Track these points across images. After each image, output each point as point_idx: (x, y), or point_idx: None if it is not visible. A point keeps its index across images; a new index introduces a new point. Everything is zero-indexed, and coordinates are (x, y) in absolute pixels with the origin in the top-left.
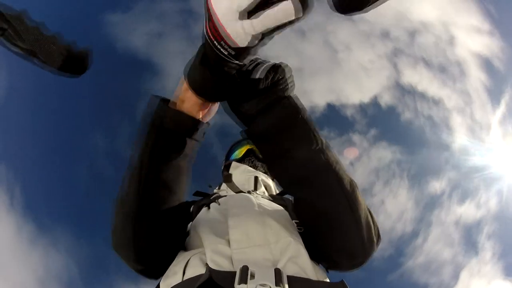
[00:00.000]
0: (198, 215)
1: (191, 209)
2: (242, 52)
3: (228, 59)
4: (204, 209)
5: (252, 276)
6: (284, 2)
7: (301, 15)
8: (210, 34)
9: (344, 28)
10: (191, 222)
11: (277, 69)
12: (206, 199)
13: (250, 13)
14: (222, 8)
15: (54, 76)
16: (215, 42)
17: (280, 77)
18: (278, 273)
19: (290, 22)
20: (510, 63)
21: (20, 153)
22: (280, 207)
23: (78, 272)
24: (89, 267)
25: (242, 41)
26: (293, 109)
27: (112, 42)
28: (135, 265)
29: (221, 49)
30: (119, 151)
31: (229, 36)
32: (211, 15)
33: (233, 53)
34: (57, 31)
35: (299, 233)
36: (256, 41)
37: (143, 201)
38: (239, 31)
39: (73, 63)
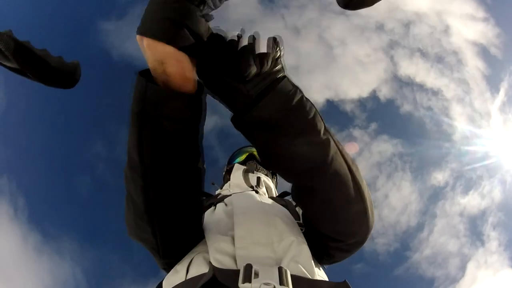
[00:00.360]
0: (204, 214)
1: None
2: None
3: None
4: (211, 208)
5: (256, 275)
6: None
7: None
8: None
9: (338, 23)
10: None
11: (280, 42)
12: (212, 198)
13: None
14: None
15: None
16: None
17: (282, 53)
18: (281, 272)
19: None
20: (507, 49)
21: (21, 163)
22: (283, 208)
23: (84, 279)
24: (95, 273)
25: None
26: (297, 89)
27: (107, 49)
28: (160, 259)
29: None
30: (120, 158)
31: None
32: None
33: None
34: (52, 39)
35: (302, 233)
36: None
37: (150, 201)
38: None
39: (63, 77)
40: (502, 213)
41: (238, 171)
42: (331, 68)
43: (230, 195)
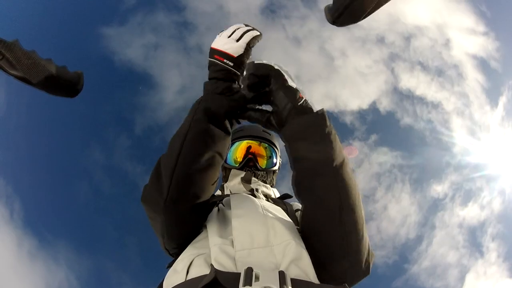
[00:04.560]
0: (210, 213)
1: None
2: (238, 60)
3: (231, 69)
4: (215, 208)
5: (257, 278)
6: (254, 31)
7: (260, 33)
8: (218, 59)
9: (339, 35)
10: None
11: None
12: (215, 197)
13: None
14: (226, 44)
15: None
16: (223, 61)
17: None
18: (282, 275)
19: (257, 37)
20: (506, 62)
21: (19, 167)
22: (282, 210)
23: (79, 285)
24: (90, 281)
25: (237, 52)
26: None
27: (109, 55)
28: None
29: (226, 64)
30: (117, 164)
31: (228, 53)
32: (219, 50)
33: (231, 64)
34: (54, 44)
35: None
36: (243, 50)
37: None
38: (234, 46)
39: (66, 86)
40: (502, 224)
41: (235, 178)
42: (332, 79)
43: (229, 195)
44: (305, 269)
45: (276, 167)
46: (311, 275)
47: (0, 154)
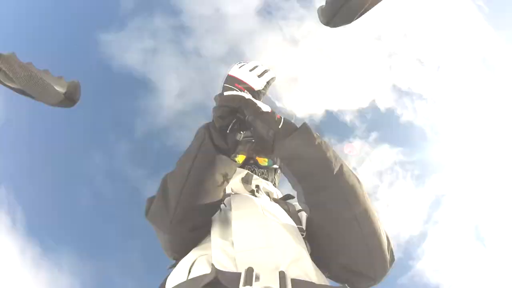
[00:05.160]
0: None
1: None
2: (256, 94)
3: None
4: (218, 210)
5: (257, 278)
6: (272, 72)
7: (275, 76)
8: (238, 87)
9: (336, 34)
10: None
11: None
12: None
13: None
14: (248, 76)
15: None
16: (243, 91)
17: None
18: (282, 276)
19: (274, 79)
20: (504, 57)
21: (20, 174)
22: (283, 211)
23: None
24: (94, 286)
25: (257, 86)
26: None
27: (107, 61)
28: (171, 226)
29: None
30: (118, 169)
31: (249, 84)
32: (240, 80)
33: (250, 95)
34: (53, 50)
35: (302, 238)
36: (263, 86)
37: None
38: (255, 80)
39: (63, 97)
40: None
41: (236, 177)
42: (330, 79)
43: (230, 194)
44: (305, 269)
45: (277, 165)
46: (311, 275)
47: (1, 162)
